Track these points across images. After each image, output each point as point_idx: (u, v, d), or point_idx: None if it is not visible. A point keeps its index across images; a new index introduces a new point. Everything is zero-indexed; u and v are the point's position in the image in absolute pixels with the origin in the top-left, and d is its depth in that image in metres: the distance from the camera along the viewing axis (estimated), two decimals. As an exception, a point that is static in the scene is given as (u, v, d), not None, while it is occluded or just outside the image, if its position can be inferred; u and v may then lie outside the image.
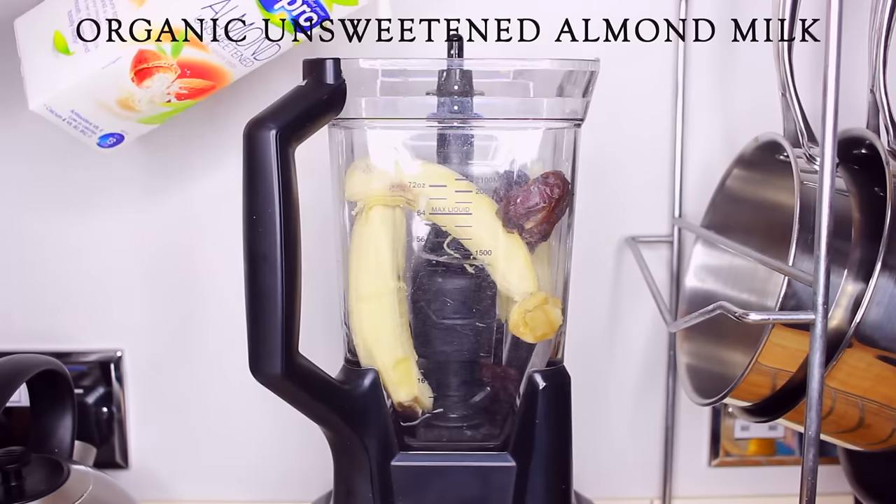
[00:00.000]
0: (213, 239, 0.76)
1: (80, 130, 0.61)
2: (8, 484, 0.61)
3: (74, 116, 0.59)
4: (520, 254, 0.56)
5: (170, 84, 0.59)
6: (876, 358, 0.55)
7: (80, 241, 0.76)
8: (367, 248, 0.56)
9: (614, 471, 0.80)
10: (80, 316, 0.77)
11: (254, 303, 0.50)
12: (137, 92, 0.59)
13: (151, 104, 0.60)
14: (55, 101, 0.58)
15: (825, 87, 0.45)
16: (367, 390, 0.57)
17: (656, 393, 0.79)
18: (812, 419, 0.48)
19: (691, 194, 0.75)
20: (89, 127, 0.61)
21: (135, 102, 0.59)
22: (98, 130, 0.62)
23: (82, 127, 0.61)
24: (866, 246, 0.57)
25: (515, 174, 0.56)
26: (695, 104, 0.74)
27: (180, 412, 0.79)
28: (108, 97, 0.59)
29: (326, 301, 0.71)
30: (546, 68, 0.55)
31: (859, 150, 0.63)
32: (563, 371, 0.59)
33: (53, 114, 0.59)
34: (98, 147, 0.64)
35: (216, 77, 0.60)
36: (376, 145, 0.56)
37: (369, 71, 0.54)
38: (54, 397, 0.69)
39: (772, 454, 0.80)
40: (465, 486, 0.57)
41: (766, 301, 0.73)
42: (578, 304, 0.67)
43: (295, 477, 0.80)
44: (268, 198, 0.49)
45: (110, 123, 0.61)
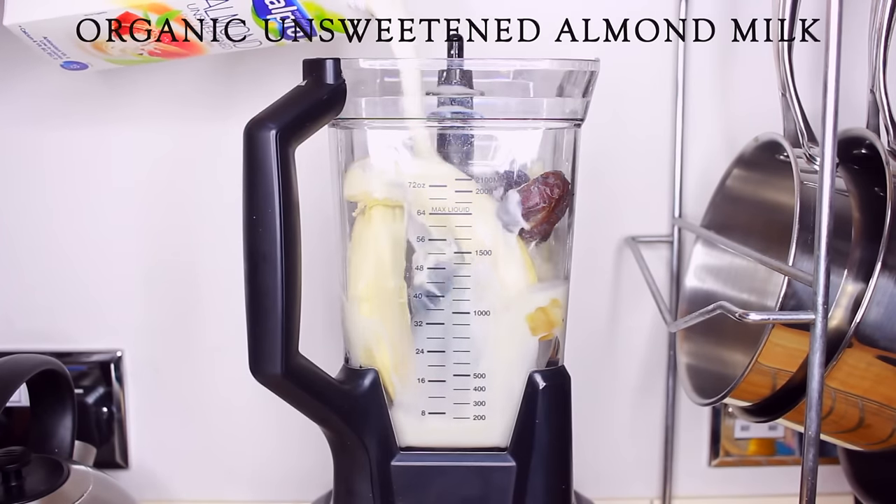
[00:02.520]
0: (214, 239, 0.76)
1: (48, 53, 0.61)
2: (8, 484, 0.61)
3: (46, 42, 0.60)
4: (520, 254, 0.56)
5: (146, 44, 0.60)
6: (876, 358, 0.55)
7: (81, 242, 0.76)
8: (367, 248, 0.56)
9: (614, 471, 0.80)
10: (80, 316, 0.77)
11: (254, 303, 0.50)
12: (113, 42, 0.59)
13: (123, 53, 0.61)
14: (32, 26, 0.58)
15: (825, 87, 0.45)
16: (367, 390, 0.57)
17: (656, 393, 0.79)
18: (812, 419, 0.48)
19: (691, 194, 0.75)
20: (57, 52, 0.61)
21: (107, 48, 0.60)
22: (65, 56, 0.62)
23: (50, 50, 0.61)
24: (866, 246, 0.57)
25: (515, 174, 0.56)
26: (695, 104, 0.74)
27: (180, 412, 0.79)
28: (84, 37, 0.59)
29: (326, 301, 0.72)
30: (546, 68, 0.55)
31: (859, 150, 0.63)
32: (563, 371, 0.59)
33: (26, 35, 0.59)
34: (61, 68, 0.64)
35: (191, 49, 0.61)
36: (376, 145, 0.56)
37: (369, 71, 0.54)
38: (54, 397, 0.69)
39: (772, 454, 0.80)
40: (465, 486, 0.57)
41: (766, 301, 0.73)
42: (578, 304, 0.67)
43: (295, 477, 0.80)
44: (268, 198, 0.49)
45: (78, 55, 0.62)
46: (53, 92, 0.73)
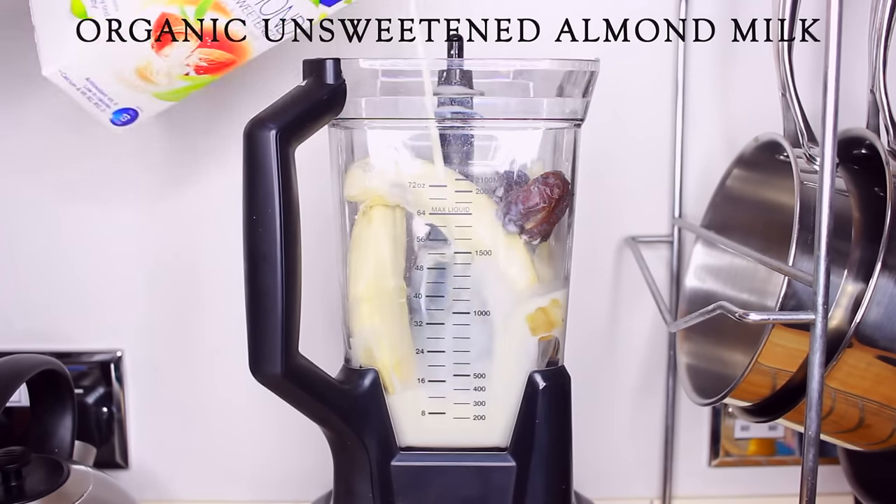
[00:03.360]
0: (214, 239, 0.76)
1: (95, 103, 0.59)
2: (8, 484, 0.61)
3: (90, 86, 0.57)
4: (520, 254, 0.56)
5: (189, 54, 0.57)
6: (876, 358, 0.55)
7: (81, 242, 0.76)
8: (367, 248, 0.56)
9: (614, 471, 0.80)
10: (80, 316, 0.77)
11: (254, 303, 0.50)
12: (156, 60, 0.57)
13: (169, 77, 0.58)
14: (71, 67, 0.56)
15: (825, 87, 0.45)
16: (367, 390, 0.57)
17: (656, 393, 0.79)
18: (812, 419, 0.48)
19: (691, 194, 0.75)
20: (104, 99, 0.59)
21: (153, 73, 0.57)
22: (112, 104, 0.59)
23: (97, 99, 0.59)
24: (866, 246, 0.57)
25: (515, 174, 0.56)
26: (695, 104, 0.74)
27: (180, 412, 0.79)
28: (126, 65, 0.57)
29: (326, 301, 0.72)
30: (546, 68, 0.55)
31: (859, 150, 0.63)
32: (563, 371, 0.59)
33: (68, 81, 0.57)
34: (111, 125, 0.61)
35: (237, 50, 0.58)
36: (376, 145, 0.56)
37: (369, 71, 0.54)
38: (54, 397, 0.69)
39: (772, 454, 0.80)
40: (465, 486, 0.57)
41: (766, 301, 0.73)
42: (578, 304, 0.67)
43: (295, 477, 0.80)
44: (268, 198, 0.49)
45: (125, 97, 0.59)
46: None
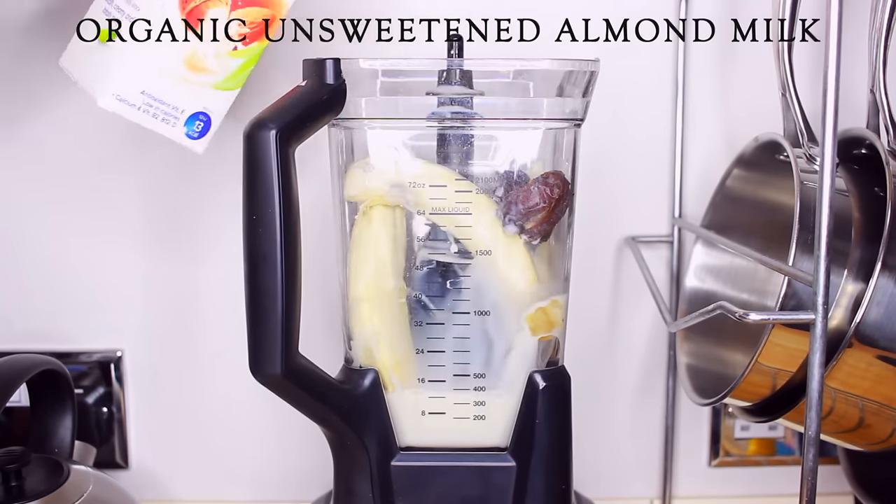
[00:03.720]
0: (213, 239, 0.76)
1: (162, 119, 0.56)
2: (8, 484, 0.61)
3: (148, 100, 0.55)
4: (520, 254, 0.56)
5: (226, 19, 0.55)
6: (876, 358, 0.55)
7: (81, 242, 0.76)
8: (367, 248, 0.56)
9: (614, 471, 0.80)
10: (80, 316, 0.77)
11: (254, 303, 0.50)
12: (200, 47, 0.55)
13: (219, 58, 0.56)
14: (122, 87, 0.54)
15: (825, 87, 0.45)
16: (367, 390, 0.57)
17: (656, 393, 0.79)
18: (812, 419, 0.48)
19: (691, 194, 0.75)
20: (167, 110, 0.56)
21: (201, 60, 0.55)
22: (178, 113, 0.57)
23: (161, 113, 0.56)
24: (866, 246, 0.57)
25: (515, 174, 0.56)
26: (695, 104, 0.74)
27: (180, 412, 0.79)
28: (173, 60, 0.55)
29: (326, 301, 0.71)
30: (546, 68, 0.55)
31: (859, 150, 0.63)
32: (563, 371, 0.59)
33: (126, 103, 0.55)
34: (189, 140, 0.58)
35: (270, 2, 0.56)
36: (376, 145, 0.56)
37: (369, 71, 0.54)
38: (54, 397, 0.69)
39: (772, 454, 0.80)
40: (465, 486, 0.57)
41: (766, 301, 0.73)
42: (578, 304, 0.67)
43: (295, 477, 0.80)
44: (268, 198, 0.49)
45: (186, 99, 0.57)
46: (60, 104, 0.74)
